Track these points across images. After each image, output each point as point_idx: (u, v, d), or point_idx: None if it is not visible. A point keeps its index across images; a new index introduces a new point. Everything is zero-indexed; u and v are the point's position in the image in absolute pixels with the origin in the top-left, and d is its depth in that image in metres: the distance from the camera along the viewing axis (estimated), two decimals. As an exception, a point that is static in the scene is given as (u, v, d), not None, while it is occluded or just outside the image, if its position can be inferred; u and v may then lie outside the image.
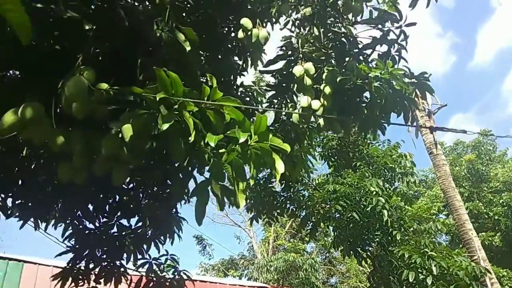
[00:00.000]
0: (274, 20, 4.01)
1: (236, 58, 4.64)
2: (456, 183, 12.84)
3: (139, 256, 5.54)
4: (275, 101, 6.12)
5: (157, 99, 1.91)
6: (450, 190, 11.25)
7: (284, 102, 4.82)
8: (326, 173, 11.34)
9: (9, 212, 5.08)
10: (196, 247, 25.50)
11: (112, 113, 2.24)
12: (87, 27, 2.17)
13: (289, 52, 3.82)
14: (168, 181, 4.01)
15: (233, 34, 4.33)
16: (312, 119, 5.97)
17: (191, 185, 3.33)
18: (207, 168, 2.63)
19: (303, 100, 3.50)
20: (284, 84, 3.96)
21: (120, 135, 2.17)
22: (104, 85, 2.05)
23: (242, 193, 2.32)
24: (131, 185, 5.55)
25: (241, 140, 2.16)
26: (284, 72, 3.83)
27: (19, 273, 10.31)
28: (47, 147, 2.31)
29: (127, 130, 2.14)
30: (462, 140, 26.78)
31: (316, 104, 3.51)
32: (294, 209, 9.27)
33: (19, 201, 4.93)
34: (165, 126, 1.89)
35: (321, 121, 3.69)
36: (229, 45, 4.30)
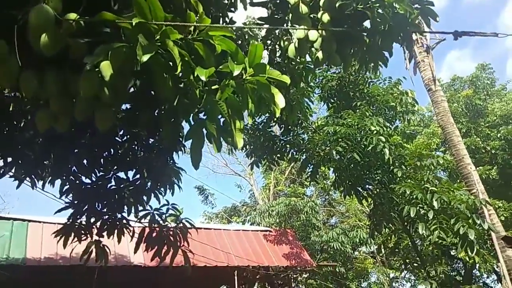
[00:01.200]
0: None
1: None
2: (454, 119, 12.74)
3: (140, 208, 5.50)
4: (269, 42, 5.77)
5: (133, 24, 1.65)
6: (449, 126, 11.16)
7: (278, 43, 4.51)
8: (325, 115, 11.16)
9: (1, 171, 4.94)
10: (199, 197, 25.94)
11: (89, 49, 1.98)
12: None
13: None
14: (160, 129, 3.80)
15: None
16: (308, 58, 5.66)
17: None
18: (199, 109, 2.42)
19: (299, 31, 3.21)
20: (277, 16, 3.64)
21: (99, 74, 1.93)
22: (73, 15, 1.78)
23: (240, 133, 2.13)
24: (125, 137, 5.40)
25: (235, 72, 1.93)
26: (278, 1, 3.49)
27: (25, 232, 10.44)
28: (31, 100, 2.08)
29: (106, 68, 1.90)
30: (459, 76, 26.35)
31: (313, 34, 3.23)
32: (294, 152, 9.20)
33: (9, 159, 4.77)
34: (145, 58, 1.65)
35: (319, 54, 3.42)
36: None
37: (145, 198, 5.53)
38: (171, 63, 1.88)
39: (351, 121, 8.23)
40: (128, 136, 5.36)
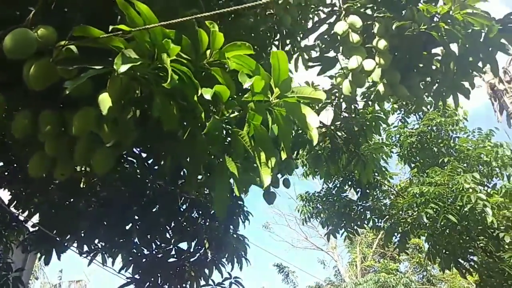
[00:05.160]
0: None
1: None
2: None
3: (202, 283, 5.14)
4: (333, 97, 5.38)
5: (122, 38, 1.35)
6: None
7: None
8: (407, 177, 10.09)
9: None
10: (278, 275, 24.48)
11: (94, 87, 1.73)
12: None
13: (330, 13, 3.13)
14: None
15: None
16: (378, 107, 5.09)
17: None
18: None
19: (351, 61, 2.76)
20: (328, 54, 3.25)
21: (98, 110, 1.66)
22: (63, 42, 1.56)
23: (267, 168, 1.66)
24: (185, 205, 5.28)
25: (246, 85, 1.53)
26: (326, 37, 3.13)
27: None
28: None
29: (105, 100, 1.62)
30: None
31: (369, 64, 2.76)
32: (376, 220, 8.20)
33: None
34: (124, 68, 1.32)
35: (380, 87, 2.91)
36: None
37: (207, 271, 5.16)
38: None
39: (440, 179, 7.18)
40: (188, 203, 5.18)
